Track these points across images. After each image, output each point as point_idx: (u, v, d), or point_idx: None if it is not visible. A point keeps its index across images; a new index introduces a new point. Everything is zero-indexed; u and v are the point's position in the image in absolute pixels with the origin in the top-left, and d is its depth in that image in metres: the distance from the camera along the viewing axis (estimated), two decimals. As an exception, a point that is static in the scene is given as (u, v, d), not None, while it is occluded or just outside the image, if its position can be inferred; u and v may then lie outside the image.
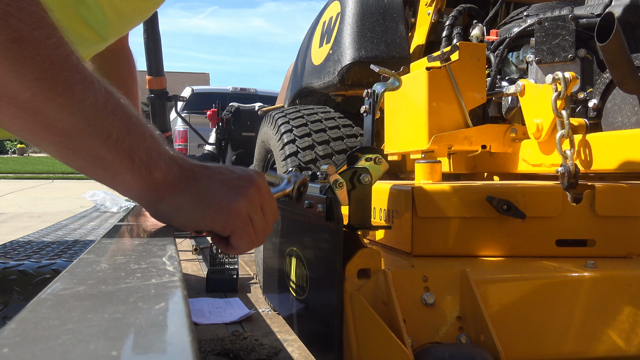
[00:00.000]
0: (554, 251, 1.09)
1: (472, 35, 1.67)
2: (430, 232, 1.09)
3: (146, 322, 0.29)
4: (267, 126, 2.31)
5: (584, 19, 1.39)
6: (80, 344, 0.25)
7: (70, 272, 0.41)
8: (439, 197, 1.08)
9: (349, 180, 0.94)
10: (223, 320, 2.14)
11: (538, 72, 1.42)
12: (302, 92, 2.50)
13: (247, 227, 0.70)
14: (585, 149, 1.17)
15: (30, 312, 0.30)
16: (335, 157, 1.96)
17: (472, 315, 0.88)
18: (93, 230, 1.71)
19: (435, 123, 1.36)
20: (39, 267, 0.89)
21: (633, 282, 0.95)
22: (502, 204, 1.05)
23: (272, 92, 8.49)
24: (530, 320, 0.92)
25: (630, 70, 1.09)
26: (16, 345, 0.25)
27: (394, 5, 2.02)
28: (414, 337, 0.85)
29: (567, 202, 1.09)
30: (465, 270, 0.91)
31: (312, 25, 2.50)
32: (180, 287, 0.37)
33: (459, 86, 1.37)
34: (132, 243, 0.59)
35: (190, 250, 3.53)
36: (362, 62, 1.93)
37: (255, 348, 1.79)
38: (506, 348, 0.82)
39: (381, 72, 1.13)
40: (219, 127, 4.51)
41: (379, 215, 1.25)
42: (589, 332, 0.92)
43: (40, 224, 4.85)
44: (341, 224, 0.86)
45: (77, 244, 1.26)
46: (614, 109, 1.26)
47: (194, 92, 8.35)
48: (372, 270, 0.89)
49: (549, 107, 1.19)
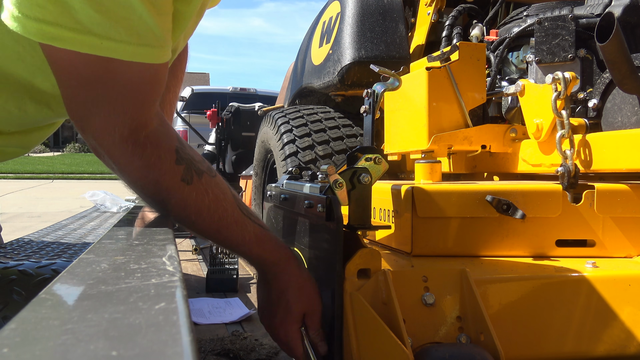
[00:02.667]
0: (554, 251, 1.09)
1: (472, 35, 1.67)
2: (430, 232, 1.09)
3: (146, 322, 0.29)
4: (267, 126, 2.31)
5: (584, 19, 1.39)
6: (80, 344, 0.25)
7: (70, 272, 0.41)
8: (439, 197, 1.08)
9: (348, 180, 0.94)
10: (223, 320, 2.14)
11: (538, 72, 1.42)
12: (302, 92, 2.50)
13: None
14: (585, 149, 1.17)
15: (30, 312, 0.30)
16: (335, 157, 1.96)
17: (472, 315, 0.88)
18: (93, 230, 1.71)
19: (435, 123, 1.36)
20: (39, 267, 0.89)
21: (633, 282, 0.95)
22: (502, 204, 1.05)
23: (272, 92, 8.49)
24: (530, 320, 0.92)
25: (630, 70, 1.09)
26: (16, 345, 0.25)
27: (394, 5, 2.02)
28: (414, 337, 0.85)
29: (567, 202, 1.09)
30: (465, 270, 0.91)
31: (312, 25, 2.50)
32: (180, 287, 0.37)
33: (458, 86, 1.37)
34: (132, 243, 0.59)
35: (190, 250, 3.53)
36: (362, 62, 1.93)
37: (255, 348, 1.79)
38: (506, 348, 0.82)
39: (381, 72, 1.13)
40: (218, 127, 4.51)
41: (379, 215, 1.25)
42: (589, 332, 0.92)
43: (40, 224, 4.84)
44: (341, 224, 0.86)
45: (77, 244, 1.26)
46: (613, 109, 1.26)
47: (194, 92, 8.35)
48: (372, 270, 0.89)
49: (549, 107, 1.19)
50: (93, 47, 0.67)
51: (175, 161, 0.78)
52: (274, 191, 1.24)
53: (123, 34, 0.69)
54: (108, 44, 0.68)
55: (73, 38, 0.66)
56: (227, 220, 0.84)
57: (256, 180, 2.72)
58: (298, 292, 0.90)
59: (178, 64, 1.27)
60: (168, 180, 0.78)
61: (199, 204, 0.81)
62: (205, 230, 0.84)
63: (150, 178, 0.77)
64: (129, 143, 0.74)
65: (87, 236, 1.50)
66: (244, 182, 3.89)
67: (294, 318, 0.89)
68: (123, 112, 0.73)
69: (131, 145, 0.74)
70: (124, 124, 0.73)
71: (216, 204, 0.82)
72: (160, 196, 0.79)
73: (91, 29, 0.66)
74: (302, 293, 0.90)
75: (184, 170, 0.79)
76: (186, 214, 0.81)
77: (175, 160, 0.78)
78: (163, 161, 0.77)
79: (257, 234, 0.87)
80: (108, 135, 0.74)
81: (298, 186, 1.08)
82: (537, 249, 1.09)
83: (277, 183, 1.25)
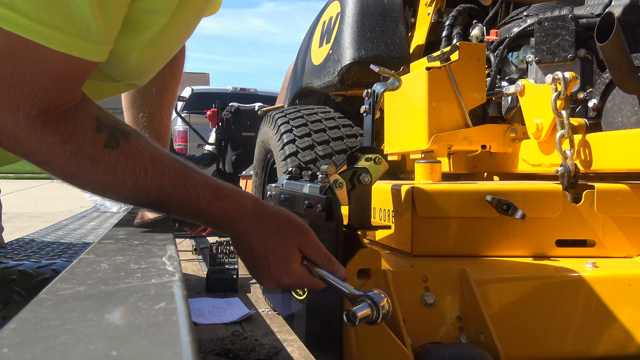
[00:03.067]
0: (554, 251, 1.09)
1: (472, 35, 1.67)
2: (430, 232, 1.09)
3: (146, 322, 0.29)
4: (267, 126, 2.31)
5: (584, 19, 1.39)
6: (80, 344, 0.25)
7: (70, 272, 0.41)
8: (439, 197, 1.08)
9: (348, 180, 0.94)
10: (223, 320, 2.14)
11: (538, 72, 1.42)
12: (302, 92, 2.50)
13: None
14: (585, 149, 1.17)
15: (30, 312, 0.30)
16: (335, 157, 1.96)
17: (472, 315, 0.88)
18: (93, 230, 1.71)
19: (435, 123, 1.36)
20: (39, 267, 0.89)
21: (633, 282, 0.95)
22: (502, 204, 1.05)
23: (272, 92, 8.48)
24: (530, 320, 0.92)
25: (630, 70, 1.09)
26: (16, 345, 0.25)
27: (394, 5, 2.02)
28: (414, 337, 0.85)
29: (567, 202, 1.09)
30: (465, 270, 0.91)
31: (312, 25, 2.50)
32: (180, 287, 0.37)
33: (458, 86, 1.37)
34: (132, 243, 0.59)
35: (190, 250, 3.52)
36: (362, 62, 1.93)
37: (255, 348, 1.79)
38: (506, 348, 0.82)
39: (381, 72, 1.13)
40: (218, 127, 4.50)
41: (379, 215, 1.25)
42: (589, 332, 0.92)
43: (40, 224, 4.85)
44: (341, 224, 0.86)
45: (77, 244, 1.26)
46: (613, 109, 1.26)
47: (194, 92, 8.34)
48: (372, 270, 0.89)
49: (549, 107, 1.19)
50: (20, 27, 0.63)
51: (96, 129, 0.72)
52: (274, 191, 1.24)
53: (56, 19, 0.64)
54: (37, 27, 0.63)
55: (1, 13, 0.62)
56: (170, 176, 0.75)
57: (256, 180, 2.72)
58: (280, 237, 0.80)
59: (176, 64, 1.26)
60: (89, 150, 0.71)
61: (132, 165, 0.73)
62: (147, 193, 0.75)
63: (68, 152, 0.71)
64: (38, 122, 0.69)
65: (87, 236, 1.50)
66: (244, 182, 3.89)
67: (289, 260, 0.80)
68: (33, 95, 0.68)
69: (40, 124, 0.69)
70: (31, 106, 0.68)
71: (153, 159, 0.75)
72: (84, 169, 0.72)
73: (22, 7, 0.62)
74: (284, 235, 0.80)
75: (107, 137, 0.72)
76: (119, 179, 0.73)
77: (96, 128, 0.72)
78: (80, 132, 0.71)
79: (212, 186, 0.78)
80: (11, 115, 0.68)
81: (298, 186, 1.08)
82: (537, 249, 1.09)
83: (277, 183, 1.25)
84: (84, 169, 0.72)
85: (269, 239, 0.80)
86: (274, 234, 0.80)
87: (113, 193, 0.76)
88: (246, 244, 0.81)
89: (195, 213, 0.79)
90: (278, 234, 0.80)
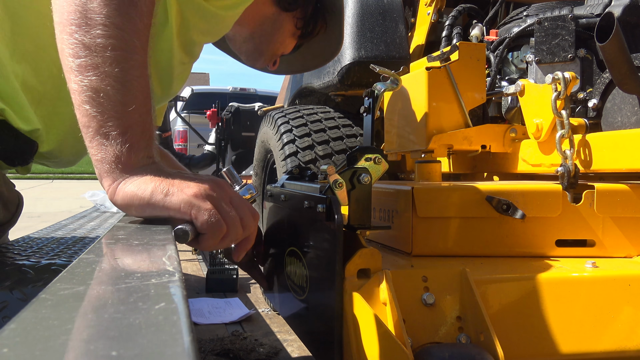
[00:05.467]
0: (554, 251, 1.09)
1: (471, 35, 1.67)
2: (430, 232, 1.09)
3: (146, 322, 0.29)
4: (267, 126, 2.31)
5: (584, 19, 1.39)
6: (80, 344, 0.25)
7: (70, 272, 0.41)
8: (439, 197, 1.08)
9: (348, 180, 0.94)
10: (223, 320, 2.14)
11: (538, 72, 1.42)
12: (302, 92, 2.50)
13: (213, 215, 0.71)
14: (585, 149, 1.17)
15: (30, 312, 0.30)
16: (335, 157, 1.96)
17: (471, 315, 0.88)
18: (93, 230, 1.71)
19: (435, 123, 1.36)
20: (39, 267, 0.89)
21: (633, 282, 0.95)
22: (502, 204, 1.05)
23: (272, 92, 8.49)
24: (530, 320, 0.92)
25: (630, 70, 1.09)
26: (16, 345, 0.25)
27: (394, 5, 2.02)
28: (413, 337, 0.85)
29: (567, 202, 1.09)
30: (465, 270, 0.91)
31: (312, 25, 2.50)
32: (180, 287, 0.37)
33: (458, 86, 1.37)
34: (132, 243, 0.59)
35: (190, 250, 3.53)
36: (361, 62, 1.93)
37: (255, 348, 1.79)
38: (506, 348, 0.82)
39: (381, 72, 1.13)
40: (218, 127, 4.51)
41: (379, 215, 1.25)
42: (589, 332, 0.92)
43: (40, 224, 4.84)
44: (341, 224, 0.86)
45: (77, 244, 1.26)
46: (613, 109, 1.26)
47: (194, 92, 8.34)
48: (372, 270, 0.89)
49: (549, 107, 1.19)
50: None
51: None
52: (274, 191, 1.24)
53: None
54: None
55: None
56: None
57: (256, 180, 2.72)
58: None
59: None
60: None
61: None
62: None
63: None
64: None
65: (87, 236, 1.50)
66: (244, 182, 3.88)
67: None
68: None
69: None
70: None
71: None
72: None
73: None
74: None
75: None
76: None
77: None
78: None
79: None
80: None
81: (298, 186, 1.08)
82: (537, 249, 1.09)
83: (277, 183, 1.25)
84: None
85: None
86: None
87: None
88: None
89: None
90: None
